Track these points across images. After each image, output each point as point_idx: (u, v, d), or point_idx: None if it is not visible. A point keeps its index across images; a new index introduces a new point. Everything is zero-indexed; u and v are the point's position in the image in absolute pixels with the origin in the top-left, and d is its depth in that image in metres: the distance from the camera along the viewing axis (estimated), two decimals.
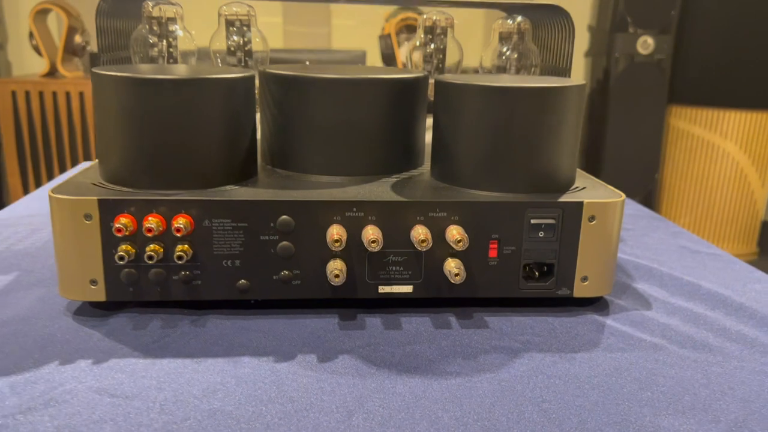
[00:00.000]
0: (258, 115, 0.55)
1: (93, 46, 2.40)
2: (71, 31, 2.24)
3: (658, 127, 2.47)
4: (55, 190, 0.45)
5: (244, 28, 0.65)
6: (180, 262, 0.45)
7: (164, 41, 0.61)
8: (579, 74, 2.67)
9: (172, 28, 0.62)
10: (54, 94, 2.13)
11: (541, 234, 0.48)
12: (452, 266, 0.47)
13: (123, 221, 0.44)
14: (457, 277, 0.47)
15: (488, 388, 0.40)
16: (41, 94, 2.13)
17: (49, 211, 0.46)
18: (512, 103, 0.48)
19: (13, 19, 2.46)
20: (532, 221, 0.48)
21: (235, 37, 0.65)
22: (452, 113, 0.50)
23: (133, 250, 0.45)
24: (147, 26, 0.61)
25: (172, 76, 0.46)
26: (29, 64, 2.50)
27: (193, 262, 0.46)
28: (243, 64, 0.65)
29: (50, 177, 2.18)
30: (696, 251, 0.66)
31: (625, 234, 0.71)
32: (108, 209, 0.45)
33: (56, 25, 2.37)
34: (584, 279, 0.49)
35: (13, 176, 2.17)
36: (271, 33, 2.56)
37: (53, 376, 0.40)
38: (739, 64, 2.48)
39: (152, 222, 0.44)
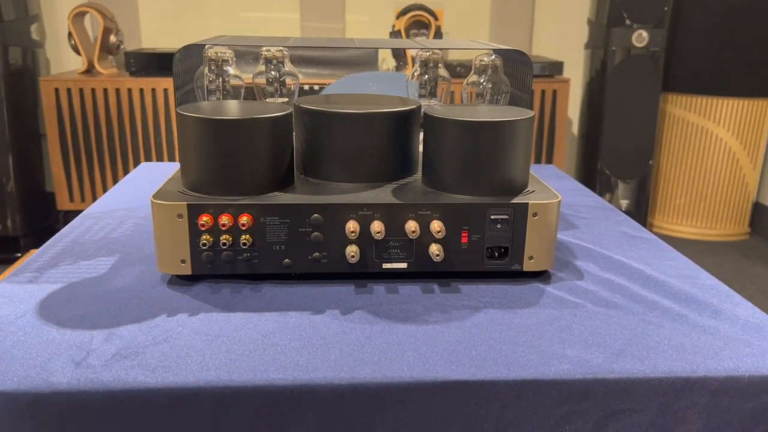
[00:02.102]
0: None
1: (127, 46, 2.60)
2: (106, 32, 2.43)
3: (652, 116, 2.63)
4: (156, 197, 0.65)
5: (280, 65, 0.84)
6: (244, 247, 0.65)
7: (220, 78, 0.81)
8: (578, 66, 2.83)
9: (225, 68, 0.81)
10: (93, 90, 2.33)
11: (498, 226, 0.67)
12: (434, 249, 0.66)
13: (204, 219, 0.64)
14: (438, 257, 0.66)
15: (456, 332, 0.59)
16: (81, 91, 2.33)
17: (151, 212, 0.65)
18: (478, 132, 0.66)
19: (50, 20, 2.65)
20: (492, 216, 0.67)
21: (273, 72, 0.84)
22: (436, 138, 0.69)
23: (211, 239, 0.65)
24: (207, 67, 0.80)
25: (235, 116, 0.65)
26: (66, 62, 2.70)
27: (253, 247, 0.66)
28: (279, 93, 0.85)
29: (90, 168, 2.39)
30: (632, 236, 0.85)
31: (580, 222, 0.90)
32: (194, 211, 0.64)
33: (90, 25, 2.56)
34: (531, 258, 0.69)
35: (57, 166, 2.39)
36: (289, 28, 2.74)
37: (164, 322, 0.60)
38: (730, 55, 2.63)
39: (225, 219, 0.64)
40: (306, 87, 2.26)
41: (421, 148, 0.77)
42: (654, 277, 0.71)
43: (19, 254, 2.44)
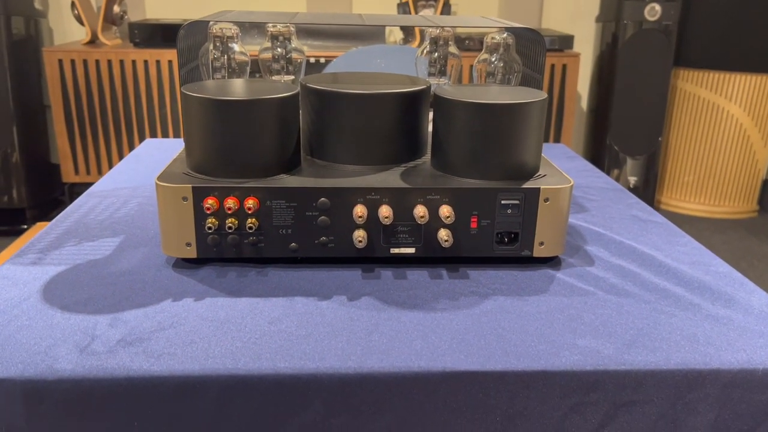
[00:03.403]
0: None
1: (131, 16, 2.56)
2: (110, 2, 2.39)
3: (663, 91, 2.59)
4: (160, 179, 0.64)
5: (286, 41, 0.82)
6: (250, 230, 0.64)
7: (225, 55, 0.79)
8: (589, 39, 2.78)
9: (230, 44, 0.79)
10: (96, 62, 2.30)
11: (509, 211, 0.66)
12: (443, 234, 0.65)
13: (210, 202, 0.63)
14: (447, 243, 0.65)
15: (464, 320, 0.58)
16: (85, 62, 2.30)
17: (156, 194, 0.64)
18: (489, 114, 0.65)
19: None
20: (502, 201, 0.65)
21: (279, 49, 0.82)
22: (446, 120, 0.67)
23: (217, 222, 0.64)
24: (212, 44, 0.78)
25: (241, 97, 0.63)
26: (69, 33, 2.67)
27: (259, 231, 0.65)
28: (285, 70, 0.83)
29: (95, 140, 2.37)
30: (644, 220, 0.84)
31: (590, 204, 0.89)
32: (199, 193, 0.63)
33: None
34: (541, 243, 0.67)
35: (62, 138, 2.37)
36: (294, 0, 2.69)
37: (170, 308, 0.59)
38: (744, 29, 2.58)
39: (230, 202, 0.63)
40: (312, 60, 2.23)
41: (430, 129, 0.75)
42: (666, 264, 0.70)
43: (25, 226, 2.45)
